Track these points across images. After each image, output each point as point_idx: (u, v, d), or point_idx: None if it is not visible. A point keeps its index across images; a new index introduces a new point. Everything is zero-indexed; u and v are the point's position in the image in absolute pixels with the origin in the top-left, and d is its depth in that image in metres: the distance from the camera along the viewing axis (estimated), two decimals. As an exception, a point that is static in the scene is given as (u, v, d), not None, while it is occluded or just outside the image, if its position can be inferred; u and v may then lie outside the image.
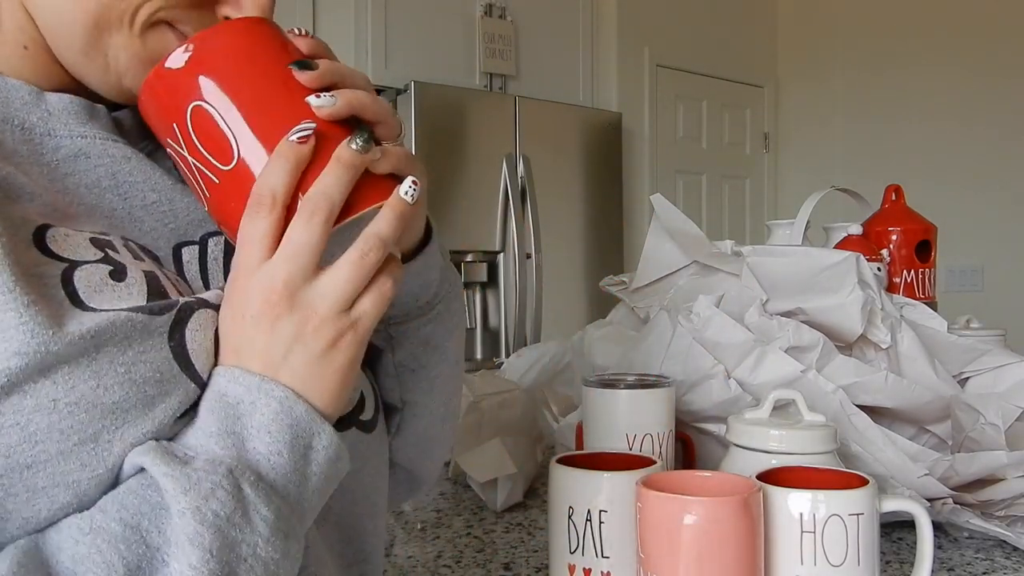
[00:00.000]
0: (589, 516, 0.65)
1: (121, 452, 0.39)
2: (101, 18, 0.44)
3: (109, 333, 0.39)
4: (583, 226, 3.25)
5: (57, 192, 0.44)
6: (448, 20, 3.07)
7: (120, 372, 0.39)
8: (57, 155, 0.46)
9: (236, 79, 0.42)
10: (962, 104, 3.57)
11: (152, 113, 0.44)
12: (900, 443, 0.87)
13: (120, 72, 0.46)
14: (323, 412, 0.42)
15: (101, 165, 0.47)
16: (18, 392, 0.36)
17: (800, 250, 1.02)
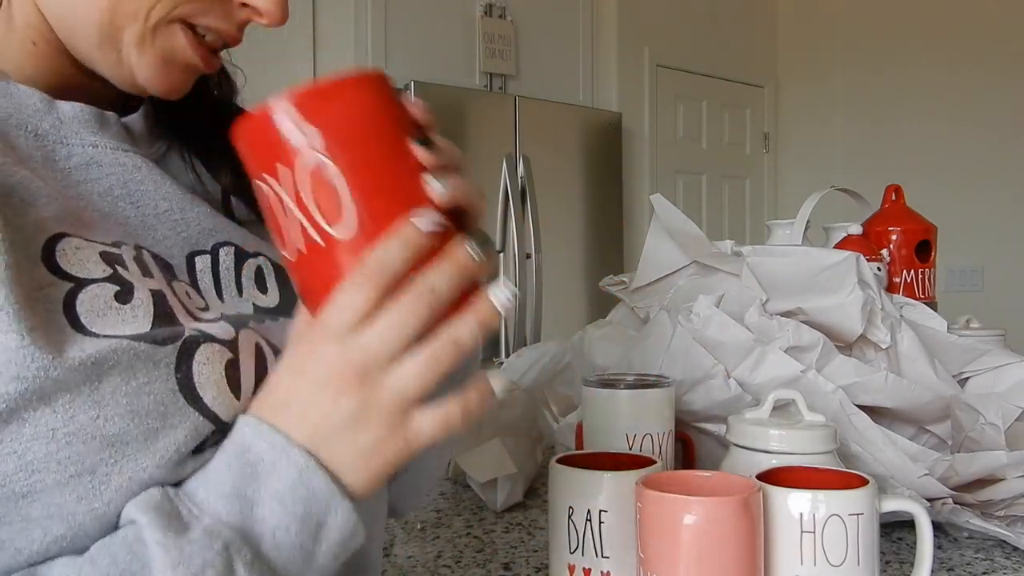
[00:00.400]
0: (589, 516, 0.65)
1: (119, 486, 0.38)
2: (116, 14, 0.44)
3: (112, 361, 0.38)
4: (583, 226, 3.25)
5: (71, 198, 0.44)
6: (448, 20, 3.07)
7: (122, 403, 0.38)
8: (69, 163, 0.46)
9: (360, 143, 0.40)
10: (962, 104, 3.57)
11: (256, 143, 0.41)
12: (900, 443, 0.87)
13: (132, 67, 0.46)
14: (350, 490, 0.40)
15: (113, 174, 0.47)
16: (16, 419, 0.35)
17: (800, 250, 1.02)
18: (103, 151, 0.47)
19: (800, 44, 4.14)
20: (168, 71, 0.47)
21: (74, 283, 0.40)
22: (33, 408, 0.36)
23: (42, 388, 0.36)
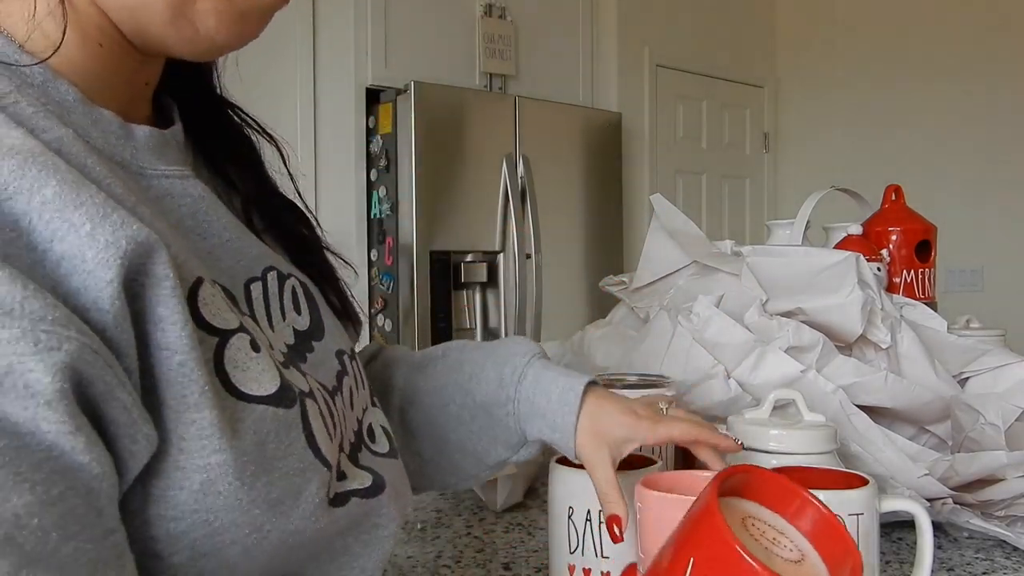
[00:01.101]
0: (589, 516, 0.65)
1: (275, 540, 0.40)
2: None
3: (267, 430, 0.40)
4: (583, 226, 3.25)
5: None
6: (448, 20, 3.07)
7: (279, 467, 0.40)
8: (148, 195, 0.43)
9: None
10: (962, 104, 3.57)
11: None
12: (900, 443, 0.87)
13: (211, 32, 0.43)
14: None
15: (184, 205, 0.45)
16: (214, 492, 0.37)
17: (800, 250, 1.02)
18: (173, 181, 0.45)
19: (800, 44, 4.14)
20: (246, 23, 0.44)
21: (219, 337, 0.39)
22: (228, 482, 0.37)
23: (235, 463, 0.37)
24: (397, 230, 2.78)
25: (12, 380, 0.28)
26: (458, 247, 2.86)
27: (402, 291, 2.77)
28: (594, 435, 0.62)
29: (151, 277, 0.34)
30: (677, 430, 0.63)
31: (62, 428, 0.29)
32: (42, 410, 0.29)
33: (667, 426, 0.63)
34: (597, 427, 0.62)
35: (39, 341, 0.29)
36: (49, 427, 0.29)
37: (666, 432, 0.63)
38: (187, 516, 0.36)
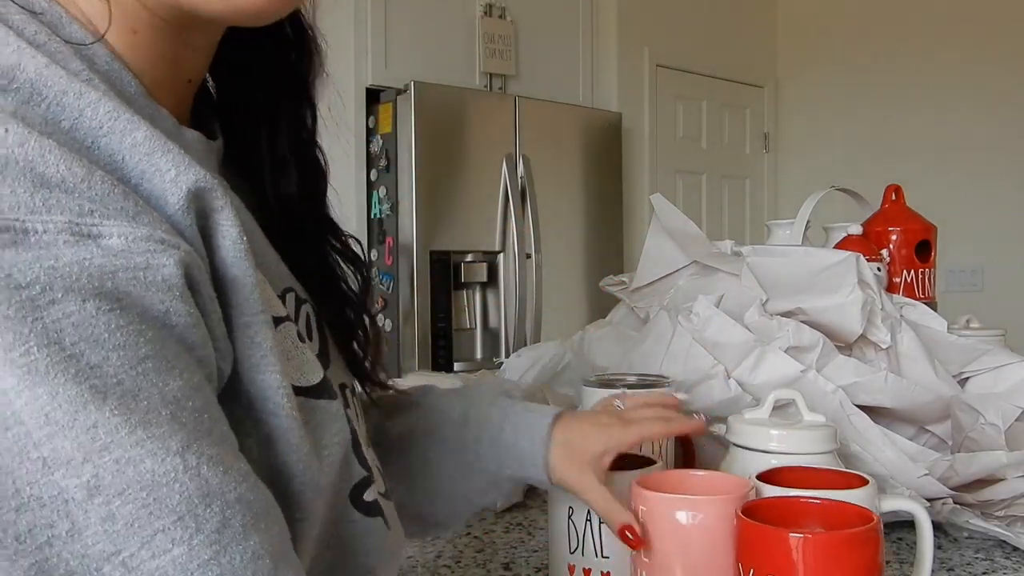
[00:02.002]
0: (589, 516, 0.65)
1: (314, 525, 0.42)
2: None
3: (319, 418, 0.42)
4: (583, 226, 3.25)
5: None
6: (448, 20, 3.07)
7: (332, 456, 0.43)
8: None
9: None
10: (962, 104, 3.57)
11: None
12: (900, 443, 0.87)
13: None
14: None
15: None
16: (276, 449, 0.40)
17: (800, 250, 1.02)
18: None
19: (800, 44, 4.14)
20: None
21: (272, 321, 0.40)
22: (289, 440, 0.40)
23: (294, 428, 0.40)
24: (397, 230, 2.78)
25: (152, 274, 0.31)
26: (458, 247, 2.86)
27: (402, 291, 2.77)
28: (571, 461, 0.62)
29: (220, 231, 0.36)
30: (647, 429, 0.65)
31: (189, 321, 0.32)
32: (176, 303, 0.32)
33: (638, 427, 0.64)
34: (571, 452, 0.62)
35: (164, 240, 0.32)
36: (179, 319, 0.32)
37: (637, 433, 0.64)
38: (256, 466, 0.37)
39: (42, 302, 0.29)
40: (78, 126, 0.33)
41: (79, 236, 0.30)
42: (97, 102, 0.33)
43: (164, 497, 0.29)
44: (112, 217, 0.31)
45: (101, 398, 0.29)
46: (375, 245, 2.87)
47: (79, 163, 0.31)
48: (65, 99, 0.33)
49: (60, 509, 0.28)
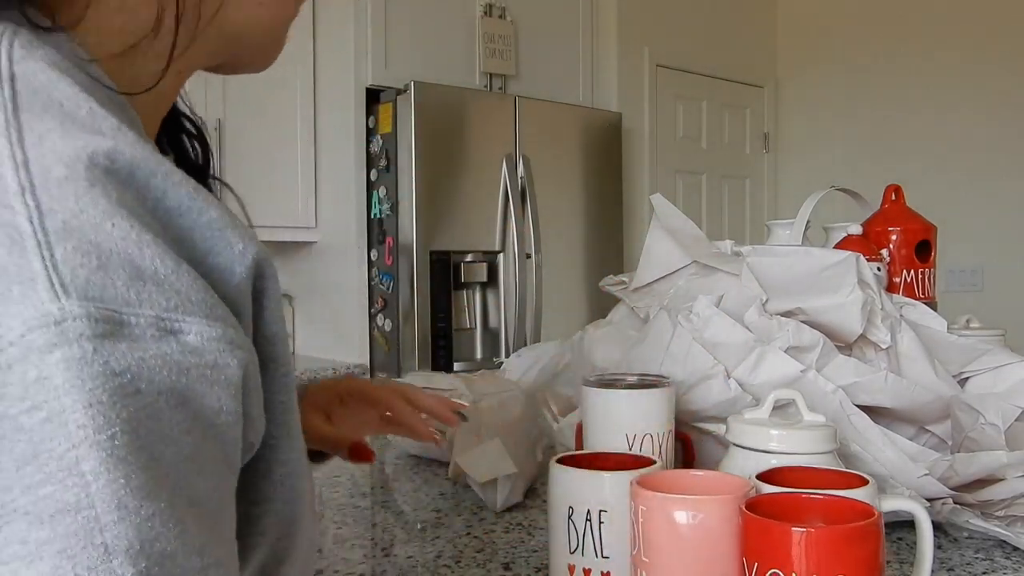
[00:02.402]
0: (589, 516, 0.65)
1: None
2: (286, 14, 0.48)
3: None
4: (583, 226, 3.25)
5: None
6: (448, 20, 3.07)
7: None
8: None
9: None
10: (962, 104, 3.57)
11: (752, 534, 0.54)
12: (900, 443, 0.87)
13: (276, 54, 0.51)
14: None
15: None
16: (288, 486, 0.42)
17: (800, 250, 1.02)
18: None
19: (800, 44, 4.15)
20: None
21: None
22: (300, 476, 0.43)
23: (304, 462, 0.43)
24: (397, 230, 2.78)
25: (218, 373, 0.33)
26: (458, 247, 2.86)
27: (402, 291, 2.77)
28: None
29: (268, 294, 0.39)
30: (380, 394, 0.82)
31: (233, 420, 0.35)
32: (229, 402, 0.34)
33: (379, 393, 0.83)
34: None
35: (233, 340, 0.34)
36: (227, 417, 0.34)
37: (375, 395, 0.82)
38: (265, 502, 0.40)
39: (130, 391, 0.31)
40: (160, 206, 0.35)
41: (163, 331, 0.32)
42: (179, 183, 0.35)
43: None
44: (193, 313, 0.33)
45: (159, 490, 0.31)
46: (375, 245, 2.87)
47: (170, 256, 0.33)
48: (153, 181, 0.35)
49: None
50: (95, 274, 0.31)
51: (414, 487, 1.10)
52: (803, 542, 0.51)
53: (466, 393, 1.19)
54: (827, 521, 0.57)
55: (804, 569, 0.51)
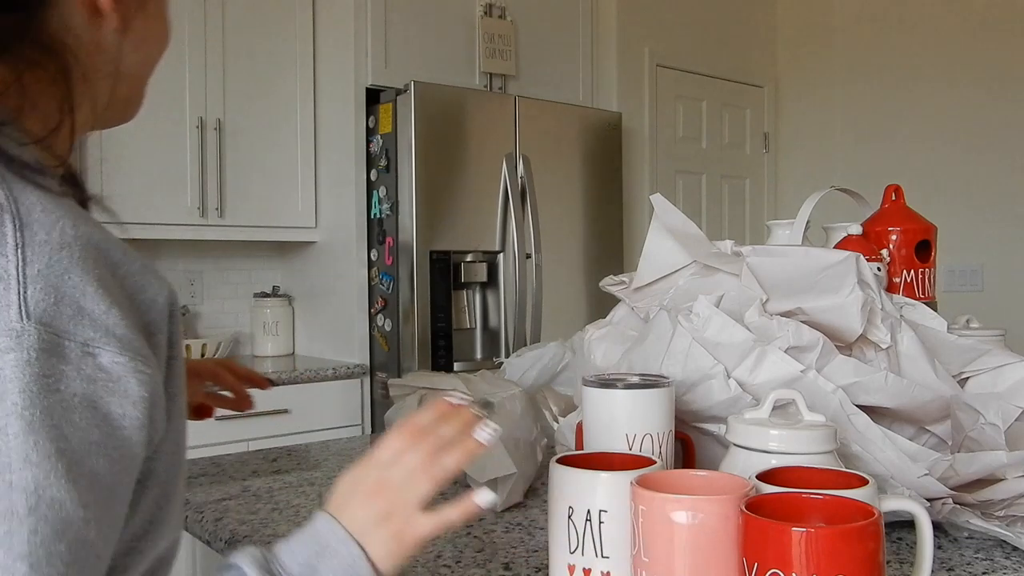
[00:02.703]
0: (589, 516, 0.65)
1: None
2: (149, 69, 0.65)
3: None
4: (583, 226, 3.25)
5: None
6: (448, 20, 3.07)
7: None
8: None
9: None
10: (962, 104, 3.57)
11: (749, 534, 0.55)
12: (900, 443, 0.87)
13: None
14: (379, 571, 0.59)
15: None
16: (175, 465, 0.58)
17: (800, 250, 1.02)
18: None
19: (800, 44, 4.15)
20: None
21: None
22: (181, 460, 0.59)
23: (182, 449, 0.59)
24: (397, 230, 2.78)
25: (121, 388, 0.48)
26: (458, 247, 2.86)
27: (402, 291, 2.77)
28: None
29: (177, 313, 0.56)
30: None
31: (136, 424, 0.49)
32: (131, 410, 0.49)
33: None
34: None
35: (138, 368, 0.49)
36: (131, 422, 0.49)
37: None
38: (156, 478, 0.54)
39: (53, 388, 0.45)
40: (109, 261, 0.51)
41: (86, 354, 0.47)
42: (119, 247, 0.53)
43: (63, 532, 0.45)
44: (110, 345, 0.48)
45: (59, 456, 0.45)
46: (375, 245, 2.87)
47: (104, 301, 0.48)
48: (103, 247, 0.51)
49: (5, 517, 0.43)
50: (50, 308, 0.46)
51: (414, 487, 1.10)
52: (803, 542, 0.51)
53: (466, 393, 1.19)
54: (827, 521, 0.57)
55: (804, 569, 0.51)
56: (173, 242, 3.04)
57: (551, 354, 1.49)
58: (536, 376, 1.44)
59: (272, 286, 3.25)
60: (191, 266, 3.16)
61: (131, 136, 2.71)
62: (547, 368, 1.46)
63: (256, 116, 2.92)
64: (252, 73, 2.92)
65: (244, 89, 2.90)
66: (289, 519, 0.96)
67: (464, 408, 0.64)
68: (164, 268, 3.09)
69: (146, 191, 2.73)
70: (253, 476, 1.17)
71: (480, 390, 1.20)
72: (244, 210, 2.91)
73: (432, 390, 1.21)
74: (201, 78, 2.82)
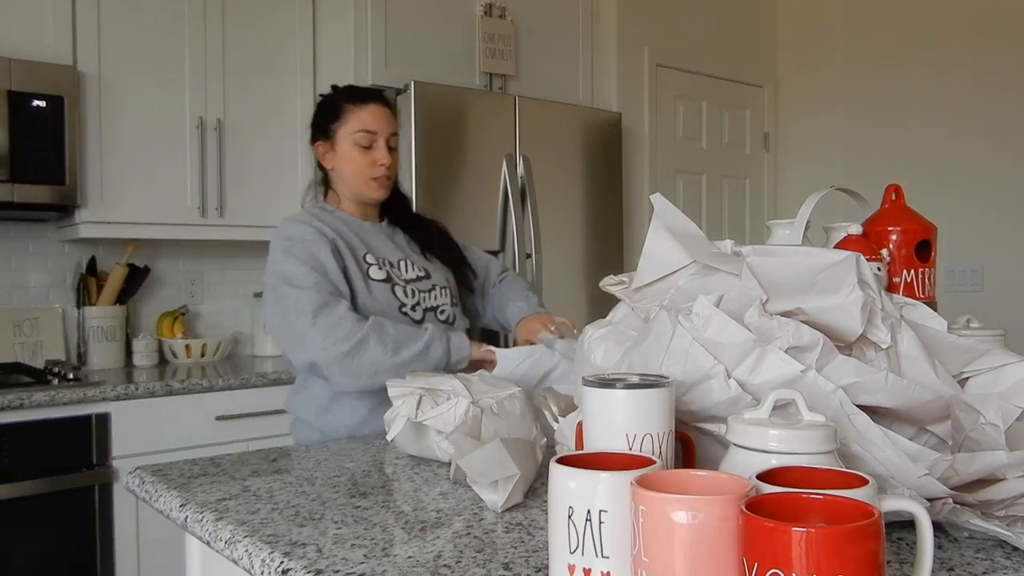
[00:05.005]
0: (589, 516, 0.65)
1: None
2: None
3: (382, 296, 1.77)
4: (583, 226, 3.25)
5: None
6: (448, 20, 3.07)
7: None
8: (356, 230, 1.79)
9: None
10: (962, 104, 3.57)
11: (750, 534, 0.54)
12: (900, 443, 0.87)
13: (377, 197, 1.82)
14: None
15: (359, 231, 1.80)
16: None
17: (800, 250, 1.02)
18: (363, 225, 1.80)
19: (800, 44, 4.15)
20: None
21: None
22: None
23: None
24: (397, 230, 2.78)
25: (318, 242, 1.64)
26: (458, 247, 2.86)
27: (402, 291, 2.77)
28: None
29: (343, 254, 1.65)
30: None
31: (333, 265, 1.61)
32: (326, 257, 1.62)
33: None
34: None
35: (325, 237, 1.64)
36: (328, 261, 1.60)
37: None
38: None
39: (290, 247, 1.61)
40: (325, 222, 1.69)
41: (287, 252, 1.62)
42: (300, 232, 1.66)
43: (312, 285, 1.57)
44: (317, 244, 1.62)
45: (298, 264, 1.58)
46: (375, 245, 2.87)
47: (319, 225, 1.68)
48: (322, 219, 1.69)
49: (278, 291, 1.59)
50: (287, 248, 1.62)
51: (414, 487, 1.10)
52: (803, 542, 0.51)
53: (465, 393, 1.19)
54: (827, 521, 0.57)
55: (804, 569, 0.51)
56: (173, 242, 3.04)
57: (541, 351, 1.53)
58: (527, 369, 1.47)
59: (272, 286, 3.25)
60: (191, 266, 3.16)
61: (131, 136, 2.71)
62: (539, 363, 1.49)
63: (256, 116, 2.92)
64: (252, 73, 2.92)
65: (244, 89, 2.90)
66: (289, 519, 0.96)
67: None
68: (164, 268, 3.09)
69: (146, 191, 2.73)
70: (253, 476, 1.18)
71: (479, 390, 1.20)
72: (244, 210, 2.91)
73: (431, 390, 1.21)
74: (201, 78, 2.82)
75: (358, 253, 1.67)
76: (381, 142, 1.70)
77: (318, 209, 1.74)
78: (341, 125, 1.71)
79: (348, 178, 1.72)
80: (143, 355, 2.86)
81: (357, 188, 1.72)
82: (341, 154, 1.71)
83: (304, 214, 1.71)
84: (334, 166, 1.73)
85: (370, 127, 1.70)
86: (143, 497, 1.16)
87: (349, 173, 1.71)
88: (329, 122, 1.72)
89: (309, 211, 1.73)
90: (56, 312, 2.86)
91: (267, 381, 2.63)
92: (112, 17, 2.68)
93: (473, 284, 1.92)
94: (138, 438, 2.41)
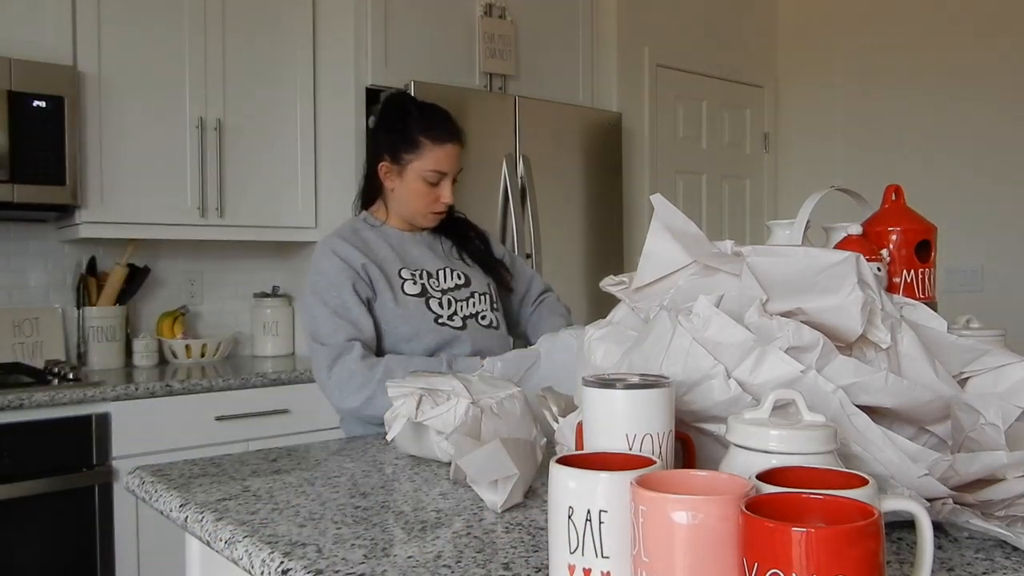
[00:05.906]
0: (589, 516, 0.65)
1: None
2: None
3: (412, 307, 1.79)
4: (583, 226, 3.25)
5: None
6: (448, 20, 3.07)
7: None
8: (394, 242, 1.83)
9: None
10: (962, 104, 3.57)
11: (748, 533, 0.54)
12: (900, 443, 0.87)
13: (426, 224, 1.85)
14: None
15: (399, 242, 1.82)
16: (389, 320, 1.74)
17: (800, 250, 1.02)
18: (403, 235, 1.83)
19: (800, 44, 4.15)
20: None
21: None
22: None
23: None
24: (397, 230, 2.78)
25: (344, 278, 1.67)
26: (458, 247, 2.86)
27: (402, 291, 2.77)
28: None
29: (373, 278, 1.69)
30: None
31: (356, 299, 1.66)
32: (347, 293, 1.65)
33: None
34: None
35: (352, 270, 1.67)
36: (350, 298, 1.67)
37: None
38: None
39: (316, 283, 1.67)
40: (363, 240, 1.72)
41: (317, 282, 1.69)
42: (334, 244, 1.70)
43: (330, 334, 1.61)
44: (340, 280, 1.66)
45: (321, 306, 1.64)
46: (375, 245, 2.87)
47: (349, 252, 1.69)
48: (333, 246, 1.70)
49: (308, 330, 1.67)
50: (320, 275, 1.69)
51: (414, 487, 1.10)
52: (803, 542, 0.51)
53: (465, 393, 1.19)
54: (827, 521, 0.57)
55: (804, 569, 0.51)
56: (173, 242, 3.04)
57: (546, 351, 1.52)
58: (512, 359, 1.48)
59: (272, 286, 3.25)
60: (191, 266, 3.16)
61: (131, 136, 2.71)
62: (524, 355, 1.50)
63: (256, 116, 2.92)
64: (252, 73, 2.92)
65: (244, 89, 2.90)
66: (289, 519, 0.96)
67: None
68: (164, 268, 3.09)
69: (146, 191, 2.73)
70: (253, 476, 1.18)
71: (479, 390, 1.20)
72: (244, 210, 2.91)
73: (431, 391, 1.21)
74: (201, 78, 2.82)
75: (392, 270, 1.69)
76: (448, 180, 1.74)
77: (361, 223, 1.76)
78: (416, 159, 1.71)
79: (407, 206, 1.74)
80: (143, 355, 2.86)
81: (414, 217, 1.75)
82: (407, 184, 1.72)
83: (346, 229, 1.74)
84: (395, 188, 1.74)
85: (443, 168, 1.73)
86: (143, 497, 1.16)
87: (410, 203, 1.73)
88: (402, 150, 1.72)
89: (352, 226, 1.75)
90: (56, 312, 2.86)
91: (267, 381, 2.64)
92: (112, 17, 2.68)
93: (512, 284, 1.92)
94: (138, 438, 2.41)
